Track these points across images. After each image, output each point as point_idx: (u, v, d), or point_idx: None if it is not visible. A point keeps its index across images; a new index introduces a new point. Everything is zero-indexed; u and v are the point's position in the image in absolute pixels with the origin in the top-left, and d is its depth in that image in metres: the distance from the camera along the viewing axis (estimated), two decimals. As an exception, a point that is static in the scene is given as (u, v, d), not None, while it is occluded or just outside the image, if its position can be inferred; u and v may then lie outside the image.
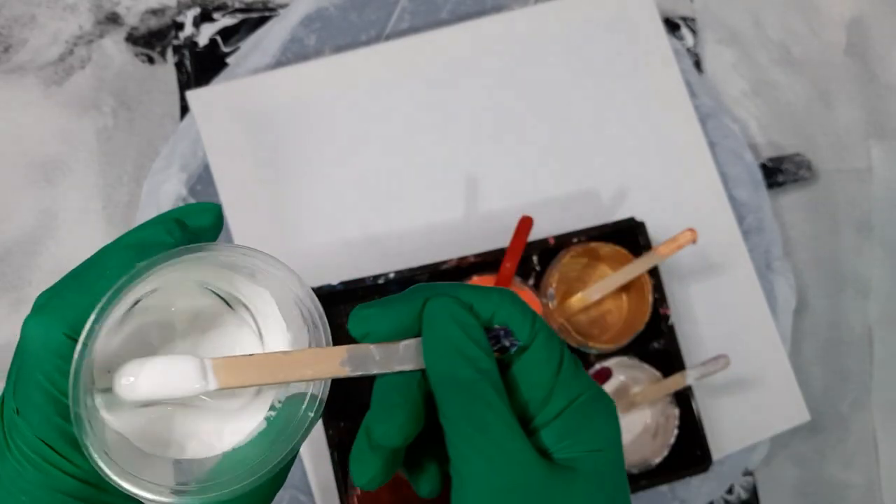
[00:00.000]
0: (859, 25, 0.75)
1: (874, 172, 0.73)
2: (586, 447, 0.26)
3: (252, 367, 0.25)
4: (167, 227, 0.25)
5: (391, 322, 0.27)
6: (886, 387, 0.70)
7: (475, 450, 0.24)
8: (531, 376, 0.27)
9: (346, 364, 0.26)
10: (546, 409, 0.26)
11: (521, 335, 0.27)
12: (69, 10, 0.66)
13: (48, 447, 0.23)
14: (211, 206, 0.27)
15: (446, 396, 0.25)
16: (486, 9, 0.68)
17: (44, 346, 0.23)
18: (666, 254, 0.53)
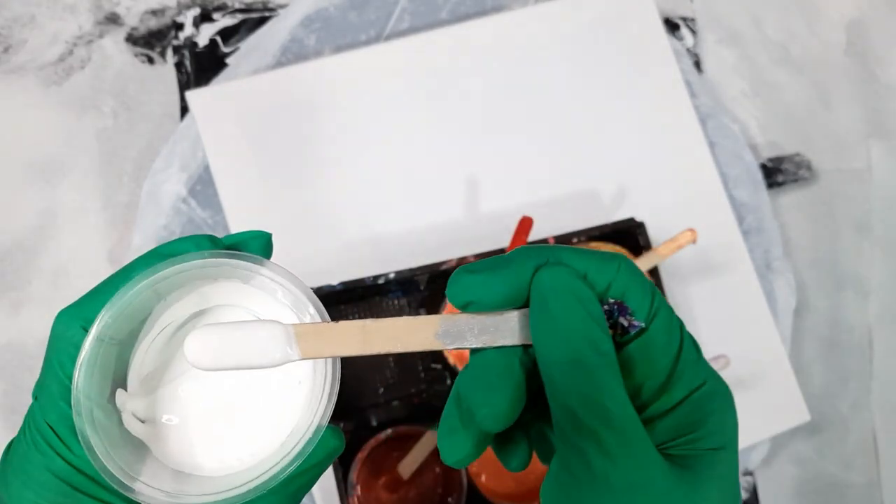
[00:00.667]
0: (859, 26, 0.75)
1: (874, 172, 0.73)
2: (707, 444, 0.23)
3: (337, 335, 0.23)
4: (197, 241, 0.26)
5: (497, 291, 0.24)
6: (886, 387, 0.70)
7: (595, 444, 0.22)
8: (648, 360, 0.23)
9: (440, 336, 0.23)
10: (663, 398, 0.23)
11: (640, 313, 0.24)
12: (69, 10, 0.66)
13: (52, 430, 0.24)
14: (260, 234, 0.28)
15: (562, 382, 0.22)
16: (485, 9, 0.68)
17: (61, 336, 0.24)
18: (666, 254, 0.53)
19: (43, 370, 0.25)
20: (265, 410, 0.26)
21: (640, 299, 0.24)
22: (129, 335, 0.26)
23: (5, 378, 0.61)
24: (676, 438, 0.23)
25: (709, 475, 0.22)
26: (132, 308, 0.25)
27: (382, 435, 0.55)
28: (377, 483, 0.55)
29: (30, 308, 0.61)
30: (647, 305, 0.24)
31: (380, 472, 0.55)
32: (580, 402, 0.22)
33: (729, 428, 0.24)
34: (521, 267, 0.24)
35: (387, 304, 0.61)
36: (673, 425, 0.23)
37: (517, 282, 0.24)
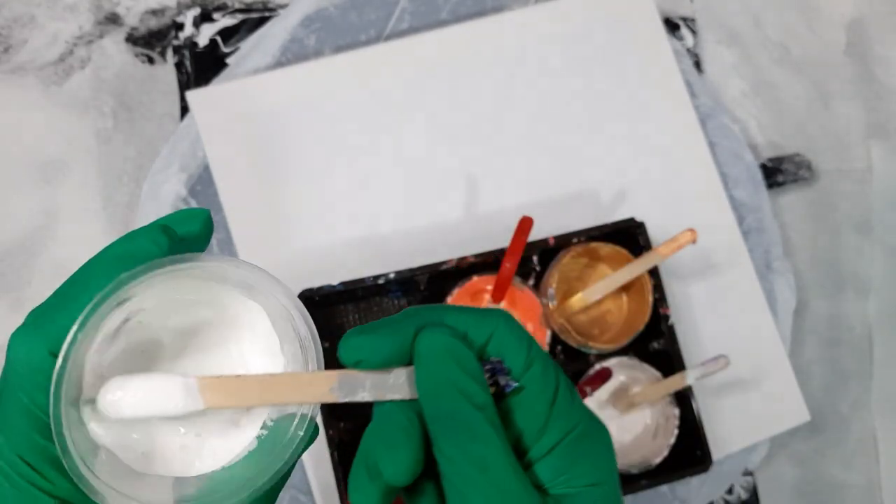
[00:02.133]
0: (859, 26, 0.75)
1: (874, 172, 0.73)
2: (584, 481, 0.25)
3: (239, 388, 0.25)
4: (153, 236, 0.25)
5: (382, 351, 0.26)
6: (886, 387, 0.70)
7: (474, 489, 0.23)
8: (526, 408, 0.26)
9: (335, 390, 0.25)
10: (541, 442, 0.25)
11: (517, 363, 0.26)
12: (69, 10, 0.66)
13: (27, 465, 0.23)
14: (198, 213, 0.27)
15: (442, 433, 0.24)
16: (485, 9, 0.68)
17: (25, 363, 0.23)
18: (666, 254, 0.53)
19: (3, 398, 0.23)
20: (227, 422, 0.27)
21: (516, 350, 0.26)
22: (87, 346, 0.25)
23: None
24: (556, 478, 0.25)
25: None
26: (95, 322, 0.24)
27: (382, 435, 0.55)
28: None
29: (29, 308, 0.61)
30: (524, 357, 0.26)
31: (380, 472, 0.55)
32: (459, 452, 0.24)
33: (603, 464, 0.26)
34: (404, 329, 0.26)
35: (387, 304, 0.61)
36: (552, 466, 0.25)
37: (401, 342, 0.26)
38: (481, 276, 0.57)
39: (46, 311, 0.24)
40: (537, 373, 0.26)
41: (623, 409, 0.58)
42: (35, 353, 0.23)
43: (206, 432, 0.26)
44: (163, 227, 0.25)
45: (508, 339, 0.26)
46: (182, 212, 0.27)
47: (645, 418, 0.59)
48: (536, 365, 0.26)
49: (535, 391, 0.26)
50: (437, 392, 0.25)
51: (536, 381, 0.26)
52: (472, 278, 0.57)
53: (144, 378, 0.24)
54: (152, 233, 0.25)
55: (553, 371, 0.26)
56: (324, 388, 0.25)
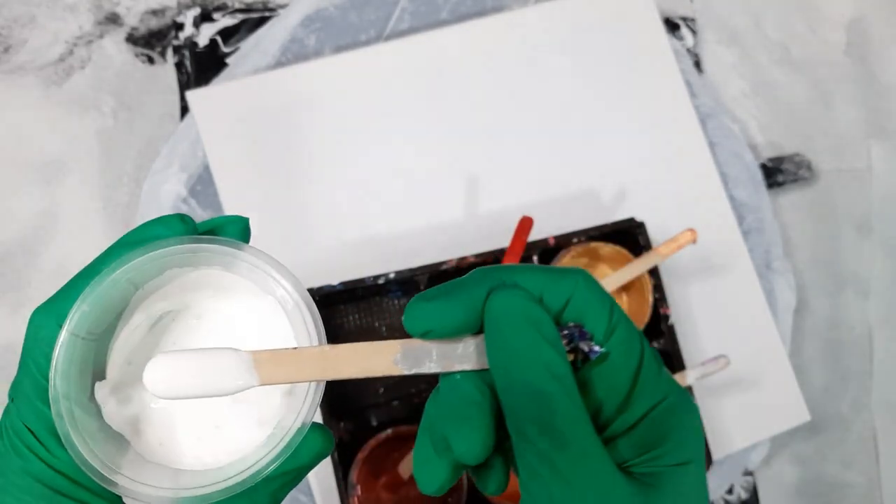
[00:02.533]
0: (859, 25, 0.75)
1: (874, 172, 0.73)
2: (671, 460, 0.22)
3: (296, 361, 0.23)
4: (166, 222, 0.25)
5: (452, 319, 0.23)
6: (886, 387, 0.70)
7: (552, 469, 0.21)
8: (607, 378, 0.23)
9: (399, 362, 0.23)
10: (624, 416, 0.23)
11: (598, 329, 0.23)
12: (69, 10, 0.66)
13: (30, 432, 0.23)
14: (236, 219, 0.26)
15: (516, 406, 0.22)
16: (485, 9, 0.68)
17: (36, 334, 0.23)
18: (666, 254, 0.53)
19: (19, 371, 0.24)
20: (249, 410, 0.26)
21: (598, 315, 0.23)
22: (106, 329, 0.25)
23: (5, 379, 0.61)
24: (639, 456, 0.23)
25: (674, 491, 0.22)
26: (107, 300, 0.24)
27: (383, 435, 0.55)
28: (377, 483, 0.55)
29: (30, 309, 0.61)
30: (606, 321, 0.23)
31: (380, 472, 0.55)
32: (536, 428, 0.22)
33: (693, 442, 0.23)
34: (474, 292, 0.24)
35: (387, 304, 0.61)
36: (635, 443, 0.23)
37: (471, 307, 0.23)
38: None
39: (63, 290, 0.24)
40: (621, 339, 0.23)
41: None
42: (45, 327, 0.23)
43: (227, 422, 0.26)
44: (180, 215, 0.25)
45: (589, 302, 0.23)
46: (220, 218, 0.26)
47: (645, 418, 0.59)
48: (620, 330, 0.23)
49: (618, 360, 0.23)
50: (511, 361, 0.22)
51: (620, 349, 0.23)
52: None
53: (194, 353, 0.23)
54: (168, 220, 0.25)
55: (638, 338, 0.24)
56: (387, 360, 0.23)
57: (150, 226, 0.25)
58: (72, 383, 0.23)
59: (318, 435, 0.25)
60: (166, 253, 0.24)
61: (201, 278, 0.26)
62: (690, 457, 0.23)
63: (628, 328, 0.24)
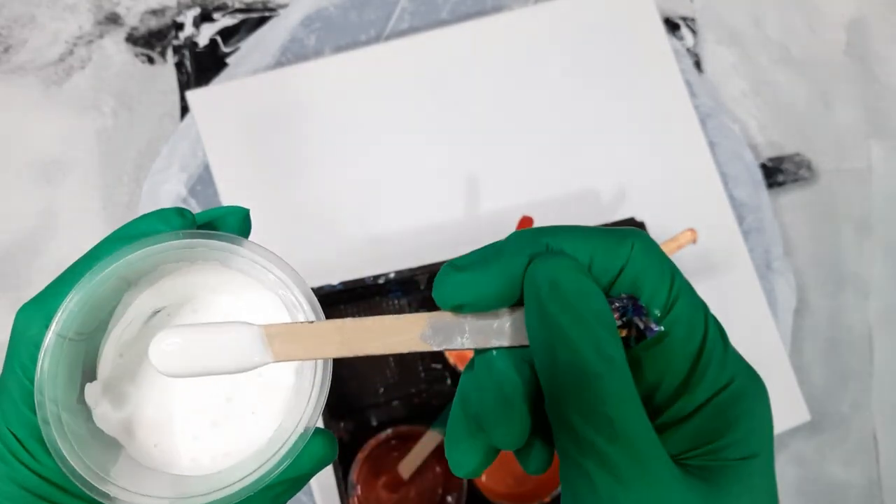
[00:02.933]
0: (859, 25, 0.75)
1: (874, 172, 0.73)
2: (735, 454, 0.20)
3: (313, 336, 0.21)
4: (165, 216, 0.23)
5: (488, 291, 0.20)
6: (886, 386, 0.70)
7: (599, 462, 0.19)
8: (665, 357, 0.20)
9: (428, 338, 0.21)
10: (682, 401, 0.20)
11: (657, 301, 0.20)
12: (69, 10, 0.66)
13: (15, 438, 0.22)
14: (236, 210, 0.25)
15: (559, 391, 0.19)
16: (485, 9, 0.68)
17: (22, 335, 0.22)
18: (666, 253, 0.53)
19: (3, 373, 0.22)
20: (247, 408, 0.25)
21: (656, 285, 0.20)
22: (97, 327, 0.24)
23: None
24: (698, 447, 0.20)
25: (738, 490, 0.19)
26: (97, 298, 0.22)
27: (383, 435, 0.55)
28: (377, 483, 0.55)
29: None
30: (666, 292, 0.20)
31: (380, 471, 0.55)
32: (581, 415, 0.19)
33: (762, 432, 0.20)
34: (513, 259, 0.21)
35: (387, 303, 0.61)
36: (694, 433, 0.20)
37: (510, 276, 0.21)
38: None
39: (51, 287, 0.23)
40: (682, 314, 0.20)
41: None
42: (32, 326, 0.22)
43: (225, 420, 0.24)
44: (179, 209, 0.23)
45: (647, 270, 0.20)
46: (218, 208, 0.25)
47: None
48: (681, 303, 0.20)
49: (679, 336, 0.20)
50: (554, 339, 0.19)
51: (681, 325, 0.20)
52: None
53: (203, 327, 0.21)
54: (165, 214, 0.23)
55: (702, 310, 0.21)
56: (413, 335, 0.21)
57: (147, 219, 0.23)
58: (59, 387, 0.22)
59: (321, 440, 0.23)
60: (160, 249, 0.22)
61: (198, 273, 0.25)
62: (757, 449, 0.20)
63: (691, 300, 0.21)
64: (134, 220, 0.23)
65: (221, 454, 0.24)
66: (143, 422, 0.24)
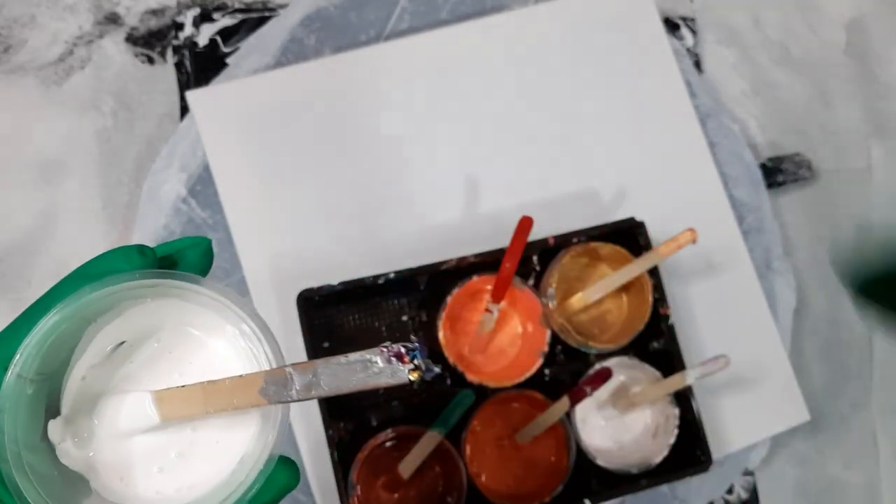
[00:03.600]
0: (859, 25, 0.75)
1: (874, 172, 0.74)
2: None
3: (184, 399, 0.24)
4: (126, 254, 0.24)
5: None
6: (886, 387, 0.70)
7: None
8: None
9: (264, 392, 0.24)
10: None
11: None
12: (69, 10, 0.66)
13: None
14: (199, 241, 0.26)
15: None
16: (485, 9, 0.68)
17: None
18: (666, 254, 0.53)
19: None
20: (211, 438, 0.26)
21: None
22: (59, 365, 0.25)
23: None
24: None
25: None
26: (57, 338, 0.23)
27: (382, 435, 0.55)
28: (377, 483, 0.55)
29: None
30: None
31: (380, 472, 0.55)
32: None
33: None
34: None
35: (387, 303, 0.61)
36: None
37: None
38: (481, 276, 0.57)
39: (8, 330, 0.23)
40: None
41: (623, 408, 0.58)
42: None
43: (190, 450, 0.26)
44: (139, 247, 0.24)
45: None
46: (183, 240, 0.26)
47: (645, 418, 0.59)
48: None
49: None
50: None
51: None
52: (472, 278, 0.57)
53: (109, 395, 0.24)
54: (126, 252, 0.24)
55: None
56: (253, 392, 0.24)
57: (108, 257, 0.24)
58: (20, 427, 0.22)
59: (284, 469, 0.25)
60: (119, 289, 0.24)
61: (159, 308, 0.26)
62: None
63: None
64: (95, 257, 0.24)
65: (187, 486, 0.25)
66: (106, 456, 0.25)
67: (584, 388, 0.51)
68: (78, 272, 0.24)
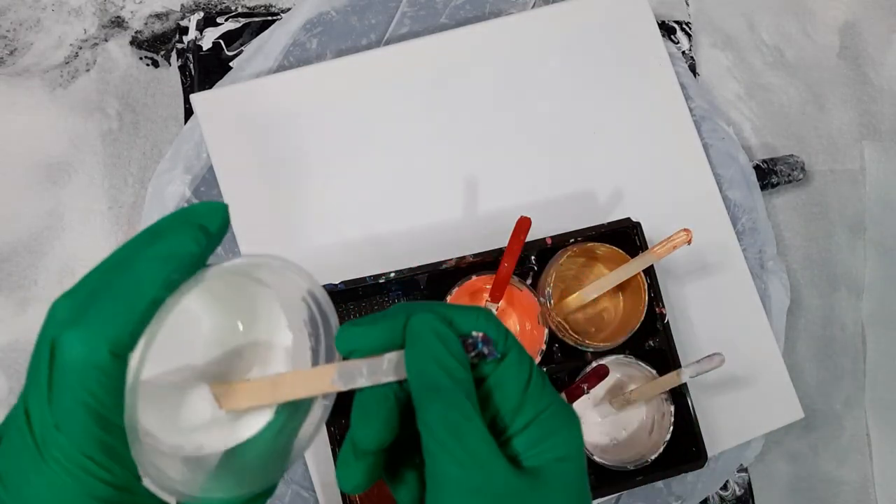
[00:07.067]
0: (852, 29, 0.76)
1: (867, 173, 0.74)
2: (553, 455, 0.27)
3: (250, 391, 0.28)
4: (193, 235, 0.26)
5: (375, 339, 0.28)
6: (879, 385, 0.71)
7: (448, 454, 0.26)
8: (503, 388, 0.28)
9: (336, 381, 0.28)
10: (517, 420, 0.28)
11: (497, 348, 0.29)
12: (74, 14, 0.67)
13: (90, 460, 0.24)
14: (218, 206, 0.28)
15: (424, 404, 0.27)
16: (484, 13, 0.69)
17: (86, 361, 0.24)
18: (661, 254, 0.54)
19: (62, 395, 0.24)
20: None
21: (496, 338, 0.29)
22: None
23: (11, 376, 0.62)
24: (529, 451, 0.28)
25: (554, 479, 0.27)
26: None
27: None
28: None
29: (36, 307, 0.62)
30: (502, 343, 0.29)
31: (381, 467, 0.56)
32: (438, 420, 0.26)
33: (571, 442, 0.28)
34: (396, 317, 0.29)
35: (387, 303, 0.61)
36: (526, 441, 0.28)
37: (393, 328, 0.28)
38: (480, 276, 0.58)
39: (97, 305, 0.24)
40: (514, 359, 0.29)
41: (619, 406, 0.59)
42: (96, 352, 0.24)
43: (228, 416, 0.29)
44: (200, 225, 0.27)
45: (488, 328, 0.29)
46: (203, 205, 0.28)
47: (641, 415, 0.60)
48: (513, 352, 0.29)
49: (512, 373, 0.29)
50: (422, 366, 0.27)
51: (513, 365, 0.29)
52: (472, 278, 0.58)
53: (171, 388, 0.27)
54: (192, 231, 0.26)
55: (528, 358, 0.29)
56: (325, 381, 0.28)
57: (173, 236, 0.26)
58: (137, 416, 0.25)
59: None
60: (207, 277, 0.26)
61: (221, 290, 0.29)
62: (568, 453, 0.28)
63: (520, 351, 0.29)
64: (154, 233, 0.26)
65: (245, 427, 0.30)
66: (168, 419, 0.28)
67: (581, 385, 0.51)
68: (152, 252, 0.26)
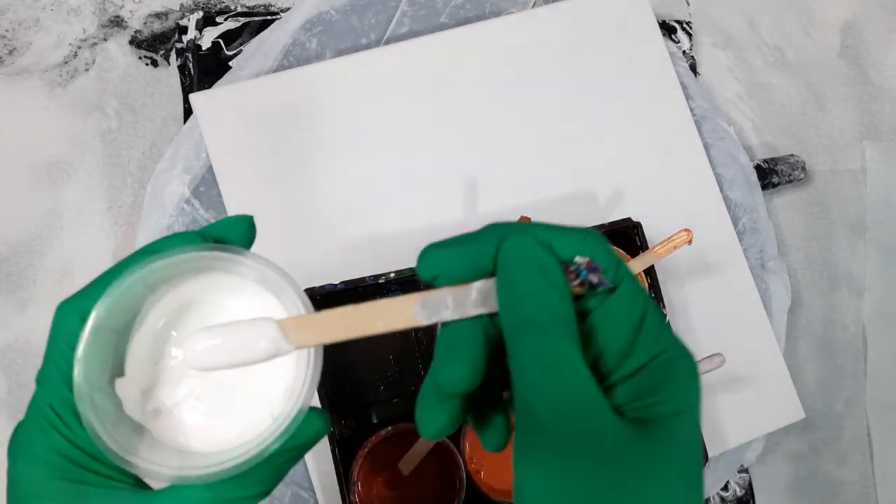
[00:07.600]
0: (853, 28, 0.76)
1: (868, 173, 0.74)
2: (665, 409, 0.23)
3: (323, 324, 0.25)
4: (188, 237, 0.27)
5: (463, 264, 0.25)
6: (880, 385, 0.71)
7: (543, 399, 0.22)
8: (611, 326, 0.24)
9: (418, 313, 0.24)
10: (625, 364, 0.24)
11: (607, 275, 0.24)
12: (73, 13, 0.67)
13: (54, 412, 0.26)
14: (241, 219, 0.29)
15: (517, 341, 0.23)
16: (484, 13, 0.69)
17: (61, 326, 0.26)
18: (662, 254, 0.54)
19: (45, 359, 0.27)
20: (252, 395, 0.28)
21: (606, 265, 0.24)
22: (124, 326, 0.28)
23: (11, 376, 0.61)
24: (636, 401, 0.23)
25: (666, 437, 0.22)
26: (126, 300, 0.27)
27: (383, 432, 0.55)
28: (378, 479, 0.56)
29: (35, 307, 0.62)
30: (612, 273, 0.24)
31: (380, 468, 0.56)
32: (531, 361, 0.22)
33: (689, 394, 0.24)
34: (485, 240, 0.25)
35: (387, 303, 0.61)
36: (633, 389, 0.23)
37: (484, 252, 0.24)
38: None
39: (87, 288, 0.27)
40: (626, 289, 0.24)
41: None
42: (69, 319, 0.26)
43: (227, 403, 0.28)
44: (201, 233, 0.28)
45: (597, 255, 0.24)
46: (226, 219, 0.29)
47: (641, 415, 0.60)
48: (625, 283, 0.24)
49: (623, 309, 0.24)
50: (517, 300, 0.23)
51: (624, 298, 0.24)
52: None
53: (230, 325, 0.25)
54: (188, 235, 0.27)
55: (643, 292, 0.25)
56: (407, 313, 0.24)
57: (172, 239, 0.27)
58: (93, 370, 0.26)
59: (317, 416, 0.27)
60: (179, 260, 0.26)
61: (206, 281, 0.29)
62: (684, 407, 0.23)
63: (633, 282, 0.24)
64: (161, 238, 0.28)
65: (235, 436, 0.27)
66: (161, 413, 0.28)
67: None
68: (145, 248, 0.27)
